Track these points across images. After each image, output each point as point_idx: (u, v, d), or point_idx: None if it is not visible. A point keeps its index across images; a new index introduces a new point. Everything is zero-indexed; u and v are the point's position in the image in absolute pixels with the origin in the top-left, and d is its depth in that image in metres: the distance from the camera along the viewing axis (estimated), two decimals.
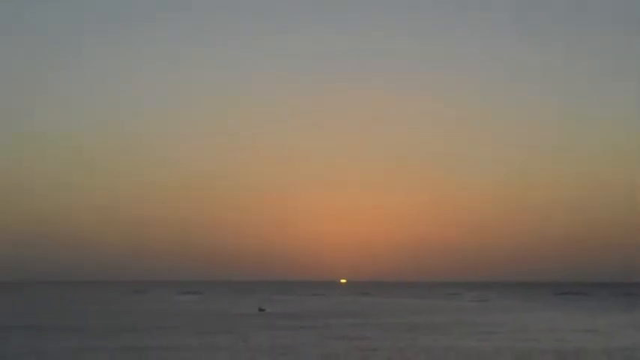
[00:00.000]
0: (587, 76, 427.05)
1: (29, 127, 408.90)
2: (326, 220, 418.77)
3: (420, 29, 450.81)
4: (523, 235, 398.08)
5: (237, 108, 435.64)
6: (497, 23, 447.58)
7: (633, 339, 75.66)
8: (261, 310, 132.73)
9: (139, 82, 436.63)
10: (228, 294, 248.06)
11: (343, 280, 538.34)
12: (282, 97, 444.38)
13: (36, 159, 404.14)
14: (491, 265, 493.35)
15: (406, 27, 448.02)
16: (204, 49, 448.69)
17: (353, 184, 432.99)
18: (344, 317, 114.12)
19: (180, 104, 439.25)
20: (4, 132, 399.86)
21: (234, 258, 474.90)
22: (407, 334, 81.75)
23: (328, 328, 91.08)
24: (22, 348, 66.09)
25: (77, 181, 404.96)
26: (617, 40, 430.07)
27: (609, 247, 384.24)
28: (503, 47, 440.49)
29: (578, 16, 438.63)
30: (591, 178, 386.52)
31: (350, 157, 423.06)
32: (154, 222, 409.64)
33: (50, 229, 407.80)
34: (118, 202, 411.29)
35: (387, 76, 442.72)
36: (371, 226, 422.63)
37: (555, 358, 59.25)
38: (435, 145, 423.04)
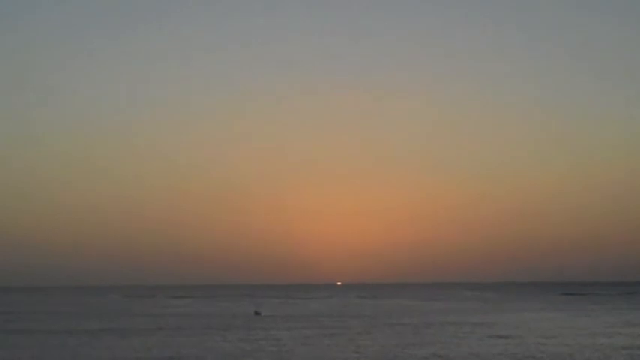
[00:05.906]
0: (582, 74, 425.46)
1: (28, 128, 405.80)
2: (320, 221, 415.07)
3: (406, 29, 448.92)
4: (521, 235, 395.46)
5: (230, 109, 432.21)
6: (488, 22, 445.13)
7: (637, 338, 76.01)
8: (257, 313, 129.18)
9: (137, 81, 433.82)
10: (219, 298, 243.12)
11: (339, 283, 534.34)
12: (272, 97, 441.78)
13: (32, 161, 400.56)
14: (488, 265, 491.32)
15: (393, 28, 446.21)
16: (199, 52, 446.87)
17: (344, 185, 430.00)
18: (381, 318, 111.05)
19: (174, 106, 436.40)
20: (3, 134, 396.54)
21: (225, 261, 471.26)
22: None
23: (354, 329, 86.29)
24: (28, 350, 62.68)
25: (69, 184, 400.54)
26: (619, 39, 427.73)
27: (611, 246, 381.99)
28: (494, 46, 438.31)
29: (578, 13, 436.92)
30: (591, 176, 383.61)
31: (343, 158, 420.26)
32: (147, 225, 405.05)
33: (41, 236, 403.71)
34: (111, 204, 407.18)
35: (379, 77, 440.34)
36: (366, 227, 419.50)
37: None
38: (431, 145, 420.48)
